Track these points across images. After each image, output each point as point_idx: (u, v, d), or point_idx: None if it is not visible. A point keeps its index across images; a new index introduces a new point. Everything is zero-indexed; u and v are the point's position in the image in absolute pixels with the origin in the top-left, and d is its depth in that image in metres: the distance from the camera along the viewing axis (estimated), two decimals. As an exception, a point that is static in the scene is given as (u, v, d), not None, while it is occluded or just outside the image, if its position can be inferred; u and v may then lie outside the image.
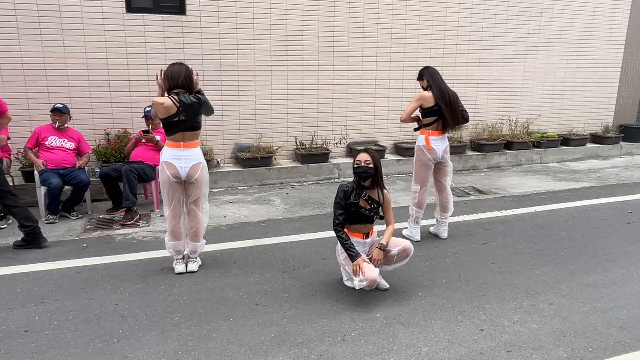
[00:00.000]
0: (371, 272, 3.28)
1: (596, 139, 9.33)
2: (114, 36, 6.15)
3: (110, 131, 6.30)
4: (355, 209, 3.43)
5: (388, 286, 3.61)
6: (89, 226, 5.05)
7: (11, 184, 5.38)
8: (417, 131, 4.69)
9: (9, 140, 5.30)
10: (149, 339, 2.97)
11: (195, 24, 6.49)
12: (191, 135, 3.77)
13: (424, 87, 4.57)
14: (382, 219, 3.58)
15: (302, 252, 4.35)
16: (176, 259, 3.94)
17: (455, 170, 7.82)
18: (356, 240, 3.51)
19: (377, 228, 3.71)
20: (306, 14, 7.00)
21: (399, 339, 2.99)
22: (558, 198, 6.24)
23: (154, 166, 5.49)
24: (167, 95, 3.68)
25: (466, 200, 6.15)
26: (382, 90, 7.71)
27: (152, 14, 6.29)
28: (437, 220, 4.83)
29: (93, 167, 5.88)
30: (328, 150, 7.26)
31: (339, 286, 3.69)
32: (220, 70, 6.72)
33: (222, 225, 5.11)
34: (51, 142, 5.25)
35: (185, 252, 3.98)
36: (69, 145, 5.34)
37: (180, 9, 6.44)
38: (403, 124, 4.77)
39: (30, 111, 5.93)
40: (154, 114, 3.55)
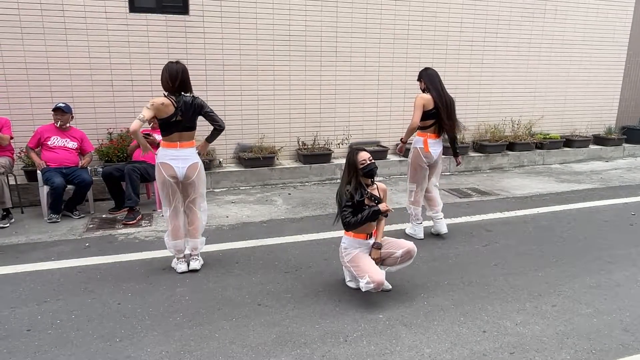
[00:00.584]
0: (378, 275, 3.28)
1: (599, 140, 9.30)
2: (117, 36, 6.16)
3: (113, 131, 6.30)
4: (361, 208, 3.43)
5: (391, 287, 3.61)
6: (91, 226, 5.06)
7: (13, 183, 5.40)
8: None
9: (12, 140, 5.32)
10: (151, 338, 2.97)
11: (198, 24, 6.50)
12: (187, 135, 3.80)
13: (422, 89, 4.60)
14: (385, 215, 3.58)
15: (304, 253, 4.35)
16: (177, 258, 3.94)
17: (458, 171, 7.82)
18: (359, 241, 3.50)
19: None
20: (309, 14, 7.00)
21: (401, 340, 2.98)
22: (561, 199, 6.22)
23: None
24: (165, 96, 3.69)
25: (468, 201, 6.14)
26: (385, 91, 7.71)
27: (155, 14, 6.30)
28: (432, 219, 4.84)
29: (95, 167, 5.89)
30: (330, 150, 7.26)
31: (341, 287, 3.68)
32: (223, 70, 6.73)
33: (225, 226, 5.11)
34: (53, 142, 5.26)
35: (186, 251, 3.98)
36: (72, 144, 5.35)
37: (184, 9, 6.44)
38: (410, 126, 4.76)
39: (33, 111, 5.94)
40: (147, 117, 3.56)
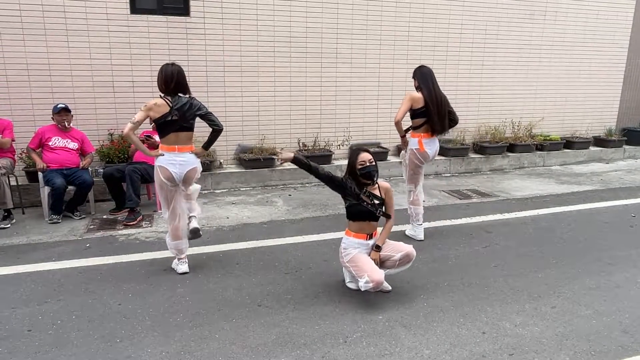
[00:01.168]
0: (377, 274, 3.29)
1: (599, 142, 9.30)
2: (119, 37, 6.18)
3: (114, 132, 6.32)
4: (358, 202, 3.44)
5: (390, 288, 3.61)
6: (92, 226, 5.07)
7: (14, 184, 5.41)
8: (408, 132, 4.72)
9: (13, 142, 5.33)
10: (152, 339, 2.98)
11: (199, 25, 6.51)
12: (185, 137, 3.80)
13: (415, 87, 4.60)
14: (387, 216, 3.58)
15: (304, 254, 4.36)
16: (178, 258, 3.95)
17: (458, 173, 7.83)
18: (359, 241, 3.51)
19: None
20: (309, 15, 7.01)
21: (401, 341, 2.99)
22: (561, 201, 6.23)
23: (157, 167, 5.51)
24: (160, 96, 3.73)
25: (468, 202, 6.14)
26: (385, 92, 7.72)
27: (156, 15, 6.32)
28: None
29: (96, 168, 5.90)
30: (331, 152, 7.27)
31: (341, 288, 3.69)
32: (224, 71, 6.74)
33: (225, 227, 5.12)
34: (55, 143, 5.27)
35: (184, 251, 3.98)
36: (72, 145, 5.36)
37: (185, 11, 6.46)
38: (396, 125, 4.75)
39: (35, 111, 5.96)
40: (139, 119, 3.62)
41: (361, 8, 7.26)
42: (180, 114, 3.70)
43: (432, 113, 4.47)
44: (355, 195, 3.44)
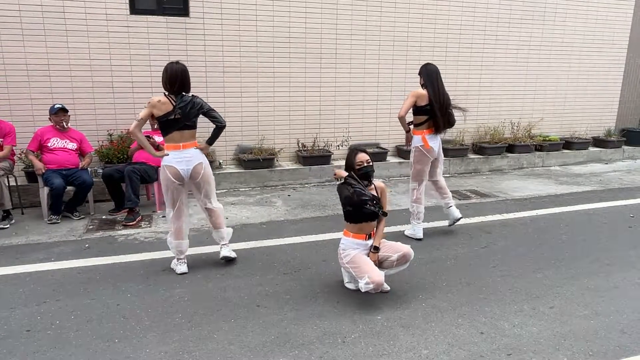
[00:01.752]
0: (378, 275, 3.29)
1: (598, 142, 9.32)
2: (118, 37, 6.18)
3: (113, 132, 6.32)
4: (364, 208, 3.45)
5: (389, 288, 3.62)
6: (91, 227, 5.07)
7: (14, 184, 5.42)
8: (410, 131, 4.77)
9: (14, 147, 5.34)
10: (150, 339, 2.98)
11: (199, 26, 6.52)
12: (188, 134, 3.82)
13: (421, 84, 4.65)
14: (385, 214, 3.59)
15: (303, 254, 4.36)
16: (178, 259, 3.95)
17: (457, 173, 7.83)
18: (358, 242, 3.52)
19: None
20: (309, 16, 7.02)
21: (399, 341, 2.99)
22: (560, 201, 6.23)
23: (156, 167, 5.51)
24: (164, 95, 3.74)
25: (467, 203, 6.15)
26: (385, 93, 7.72)
27: (156, 16, 6.32)
28: (445, 207, 4.92)
29: (96, 168, 5.91)
30: (330, 152, 7.27)
31: (340, 288, 3.69)
32: (224, 72, 6.75)
33: (224, 227, 5.12)
34: (53, 144, 5.27)
35: (217, 241, 4.10)
36: (71, 145, 5.37)
37: (184, 11, 6.46)
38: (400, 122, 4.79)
39: (34, 112, 5.96)
40: (143, 115, 3.65)
41: (360, 9, 7.26)
42: (183, 113, 3.72)
43: (436, 110, 4.53)
44: (360, 201, 3.43)
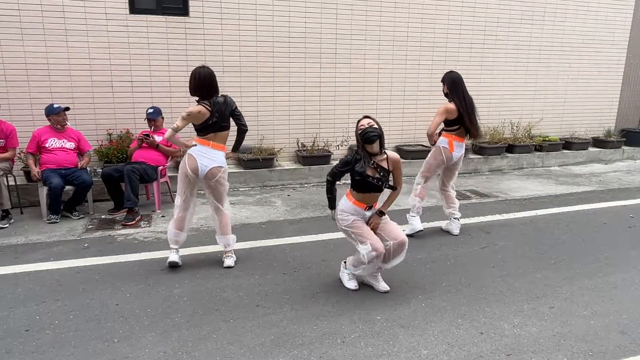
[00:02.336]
0: (379, 243, 3.37)
1: (598, 143, 9.31)
2: (117, 37, 6.18)
3: (113, 132, 6.32)
4: (362, 178, 3.42)
5: (388, 288, 3.61)
6: (90, 226, 5.06)
7: (13, 183, 5.41)
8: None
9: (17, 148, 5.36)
10: (149, 339, 2.98)
11: (199, 25, 6.52)
12: (221, 136, 3.90)
13: (444, 92, 4.69)
14: (393, 188, 3.55)
15: (302, 254, 4.36)
16: (172, 248, 3.99)
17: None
18: (357, 209, 3.51)
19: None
20: (309, 16, 7.01)
21: (398, 341, 2.99)
22: (559, 202, 6.23)
23: (156, 167, 5.51)
24: (198, 103, 3.79)
25: (467, 203, 6.14)
26: (384, 93, 7.72)
27: (156, 15, 6.32)
28: (449, 217, 4.95)
29: (95, 168, 5.90)
30: (330, 152, 7.27)
31: (339, 288, 3.69)
32: (223, 71, 6.73)
33: (223, 227, 5.11)
34: (51, 144, 5.27)
35: (220, 248, 4.10)
36: (69, 145, 5.36)
37: (184, 11, 6.46)
38: (422, 132, 4.87)
39: (33, 111, 5.95)
40: (180, 127, 3.70)
41: (360, 9, 7.26)
42: (220, 115, 3.80)
43: (466, 120, 4.60)
44: (361, 172, 3.41)
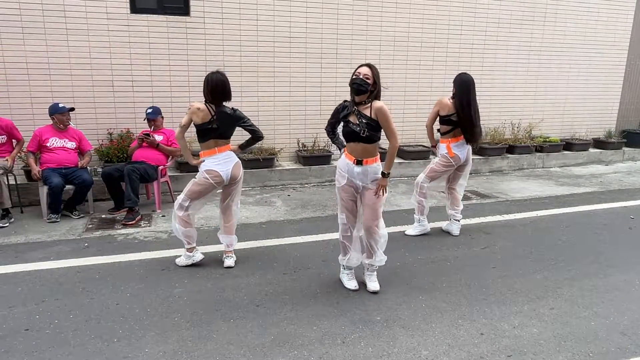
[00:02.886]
0: (352, 216, 3.52)
1: (599, 144, 9.31)
2: (118, 36, 6.18)
3: (113, 131, 6.32)
4: (344, 124, 3.43)
5: (376, 289, 3.60)
6: (90, 226, 5.06)
7: (13, 182, 5.41)
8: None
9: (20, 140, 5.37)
10: (149, 339, 2.97)
11: (199, 25, 6.52)
12: (223, 142, 3.91)
13: (453, 93, 4.68)
14: (372, 139, 3.42)
15: (303, 254, 4.35)
16: (188, 249, 3.98)
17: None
18: (347, 162, 3.50)
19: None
20: (309, 17, 7.01)
21: (399, 342, 2.98)
22: (560, 203, 6.22)
23: (156, 166, 5.51)
24: (205, 104, 3.81)
25: (468, 204, 6.13)
26: (385, 93, 7.64)
27: (156, 15, 6.32)
28: (450, 217, 4.95)
29: (95, 167, 5.90)
30: (330, 152, 7.26)
31: (339, 288, 3.68)
32: (224, 71, 6.72)
33: (224, 227, 5.11)
34: (52, 143, 5.27)
35: (223, 247, 4.10)
36: (70, 144, 5.36)
37: (185, 10, 6.46)
38: (424, 128, 4.87)
39: (34, 111, 5.96)
40: (184, 122, 3.71)
41: (361, 10, 7.26)
42: (221, 124, 3.80)
43: (463, 124, 4.56)
44: (342, 118, 3.44)
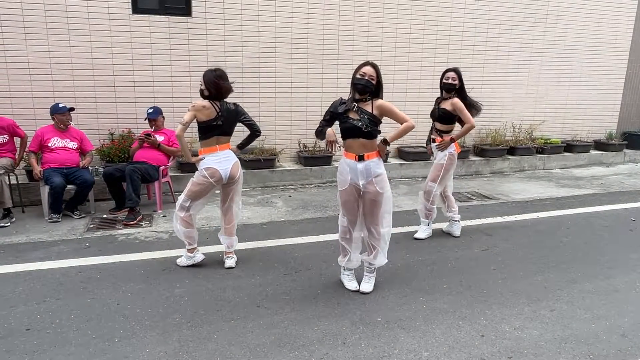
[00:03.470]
0: (352, 218, 3.53)
1: (600, 145, 9.31)
2: (120, 37, 6.19)
3: (115, 131, 6.32)
4: (342, 120, 3.41)
5: (369, 290, 3.60)
6: (91, 225, 5.07)
7: (14, 182, 5.42)
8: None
9: (20, 138, 5.37)
10: (150, 339, 2.98)
11: (201, 25, 6.52)
12: (224, 139, 3.92)
13: (456, 86, 4.88)
14: (372, 133, 3.47)
15: (303, 255, 4.35)
16: (189, 249, 3.98)
17: (458, 175, 7.82)
18: (348, 161, 3.49)
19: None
20: (311, 17, 7.02)
21: (399, 343, 2.98)
22: (561, 204, 6.22)
23: (157, 167, 5.51)
24: (209, 101, 3.81)
25: (468, 205, 6.14)
26: (386, 94, 7.62)
27: (158, 15, 6.33)
28: (450, 220, 4.94)
29: (97, 167, 5.91)
30: (331, 153, 7.26)
31: (340, 289, 3.69)
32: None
33: (225, 227, 5.11)
34: (54, 143, 5.27)
35: (223, 248, 4.10)
36: (72, 144, 5.36)
37: (186, 11, 6.47)
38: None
39: (36, 110, 5.97)
40: (187, 119, 3.71)
41: (363, 10, 7.26)
42: (225, 120, 3.81)
43: (467, 106, 4.77)
44: (339, 113, 3.41)
